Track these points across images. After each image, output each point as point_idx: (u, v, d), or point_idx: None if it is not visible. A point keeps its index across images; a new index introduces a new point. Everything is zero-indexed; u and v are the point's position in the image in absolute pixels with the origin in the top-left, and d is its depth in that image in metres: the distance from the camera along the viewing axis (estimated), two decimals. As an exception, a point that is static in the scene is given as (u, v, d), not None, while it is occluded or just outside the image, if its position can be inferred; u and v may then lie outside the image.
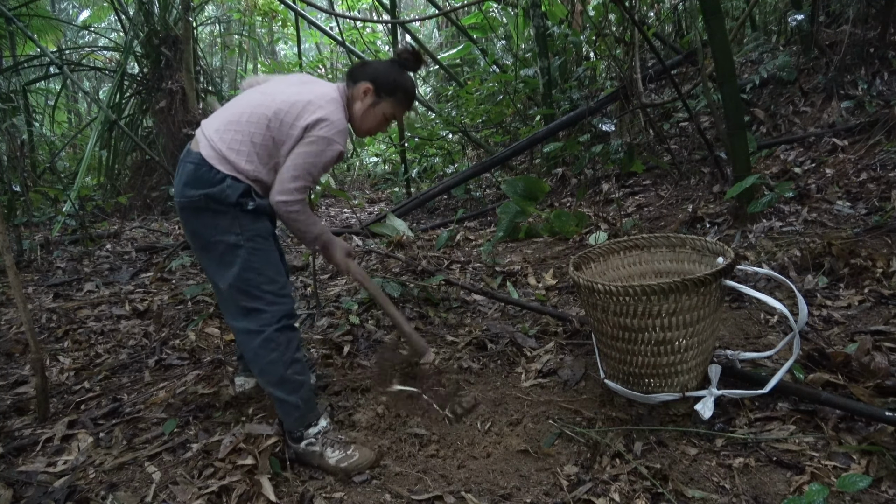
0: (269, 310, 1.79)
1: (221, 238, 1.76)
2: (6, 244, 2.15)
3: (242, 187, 1.75)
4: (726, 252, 1.95)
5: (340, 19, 8.69)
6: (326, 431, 1.86)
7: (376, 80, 1.91)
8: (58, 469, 1.88)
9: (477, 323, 2.79)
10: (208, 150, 1.76)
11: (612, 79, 5.49)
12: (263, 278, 1.79)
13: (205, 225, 1.77)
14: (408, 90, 1.97)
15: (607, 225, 3.99)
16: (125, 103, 7.21)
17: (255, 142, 1.76)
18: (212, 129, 1.80)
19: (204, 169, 1.74)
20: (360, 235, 4.52)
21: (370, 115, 1.94)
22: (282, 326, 1.80)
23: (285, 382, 1.81)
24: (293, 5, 7.35)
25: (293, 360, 1.82)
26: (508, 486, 1.69)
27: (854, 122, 4.10)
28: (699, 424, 1.81)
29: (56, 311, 3.44)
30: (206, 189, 1.73)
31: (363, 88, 1.91)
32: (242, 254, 1.76)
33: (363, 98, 1.92)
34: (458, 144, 7.10)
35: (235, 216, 1.75)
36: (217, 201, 1.73)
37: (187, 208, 1.77)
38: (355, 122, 1.96)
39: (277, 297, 1.81)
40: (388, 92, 1.93)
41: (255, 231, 1.79)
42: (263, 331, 1.78)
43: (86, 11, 9.63)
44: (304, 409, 1.84)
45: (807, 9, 4.50)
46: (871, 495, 1.49)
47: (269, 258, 1.83)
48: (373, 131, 2.01)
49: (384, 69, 1.94)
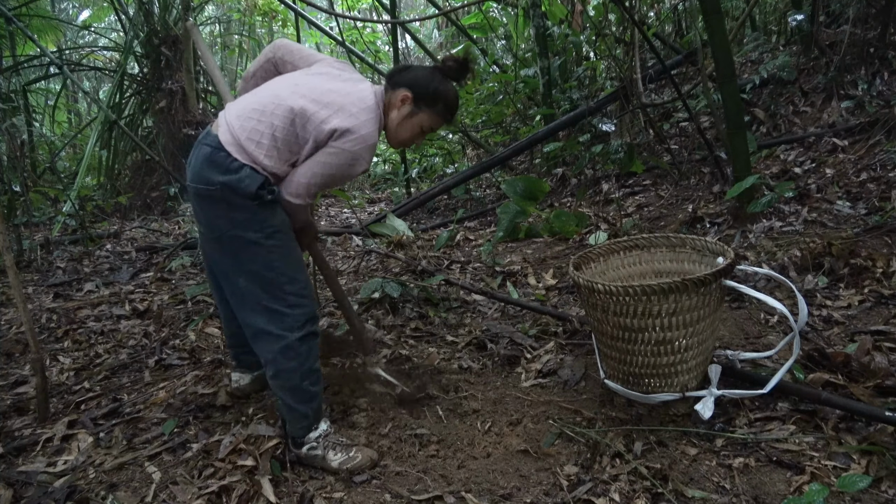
0: (292, 313, 1.71)
1: (239, 233, 1.65)
2: (6, 244, 2.15)
3: (261, 179, 1.64)
4: (726, 252, 1.95)
5: (340, 19, 8.69)
6: (327, 434, 1.82)
7: (415, 88, 1.78)
8: (58, 469, 1.88)
9: (477, 323, 2.79)
10: (227, 136, 1.65)
11: (612, 79, 5.49)
12: (285, 278, 1.70)
13: (219, 217, 1.66)
14: (449, 102, 1.82)
15: (607, 225, 3.99)
16: (125, 103, 7.21)
17: (276, 136, 1.65)
18: (233, 115, 1.69)
19: (222, 154, 1.63)
20: (360, 235, 4.52)
21: (406, 125, 1.81)
22: (304, 334, 1.73)
23: (299, 392, 1.76)
24: (293, 5, 7.35)
25: (311, 371, 1.76)
26: (508, 486, 1.69)
27: (854, 122, 4.10)
28: (699, 424, 1.81)
29: (56, 311, 3.44)
30: (222, 176, 1.62)
31: (401, 96, 1.78)
32: (262, 252, 1.67)
33: (400, 107, 1.79)
34: (458, 144, 7.11)
35: (254, 211, 1.65)
36: (234, 192, 1.62)
37: (202, 196, 1.66)
38: (389, 132, 1.83)
39: (300, 297, 1.73)
40: (427, 102, 1.79)
41: (274, 227, 1.69)
42: (285, 337, 1.70)
43: (86, 11, 9.62)
44: (313, 418, 1.80)
45: (807, 9, 4.50)
46: (871, 495, 1.49)
47: (291, 255, 1.74)
48: (407, 143, 1.88)
49: (425, 77, 1.80)
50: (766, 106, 4.76)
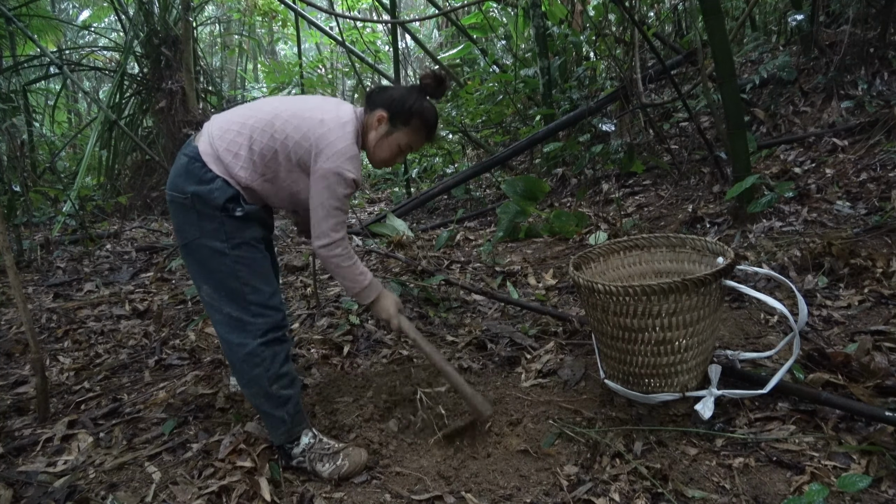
0: (254, 321, 1.70)
1: (206, 242, 1.68)
2: (6, 244, 2.15)
3: (231, 192, 1.67)
4: (726, 252, 1.95)
5: (340, 19, 8.68)
6: (311, 447, 1.79)
7: (391, 108, 1.79)
8: (58, 469, 1.88)
9: (477, 323, 2.79)
10: (206, 147, 1.70)
11: (612, 79, 5.49)
12: (249, 288, 1.70)
13: (189, 224, 1.69)
14: (425, 118, 1.83)
15: (607, 225, 3.99)
16: (125, 103, 7.22)
17: (254, 149, 1.69)
18: (216, 126, 1.73)
19: (196, 164, 1.68)
20: (360, 235, 4.52)
21: (384, 145, 1.83)
22: (267, 340, 1.71)
23: (270, 397, 1.74)
24: (293, 5, 7.35)
25: (279, 376, 1.74)
26: (508, 486, 1.69)
27: (854, 122, 4.10)
28: (699, 424, 1.81)
29: (56, 311, 3.44)
30: (194, 186, 1.66)
31: (377, 116, 1.80)
32: (227, 262, 1.68)
33: (377, 127, 1.81)
34: (458, 144, 7.11)
35: (222, 221, 1.68)
36: (204, 202, 1.66)
37: (175, 203, 1.70)
38: (369, 153, 1.85)
39: (263, 308, 1.72)
40: (403, 121, 1.80)
41: (241, 238, 1.71)
42: (247, 344, 1.70)
43: (86, 11, 9.63)
44: (291, 423, 1.78)
45: (807, 9, 4.50)
46: (871, 495, 1.49)
47: (256, 267, 1.73)
48: (388, 162, 1.88)
49: (401, 96, 1.81)
50: (766, 106, 4.76)
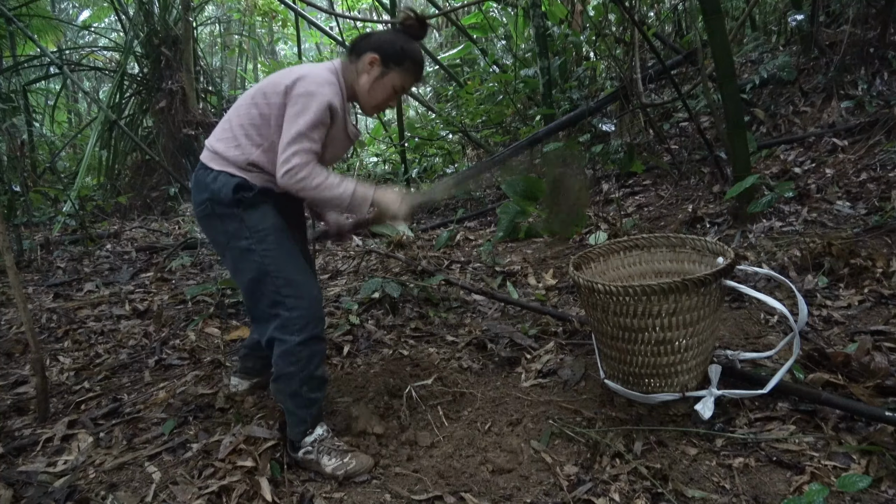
0: (290, 315, 1.72)
1: (234, 244, 1.74)
2: (6, 244, 2.15)
3: (236, 180, 1.71)
4: (726, 252, 1.95)
5: (340, 19, 8.68)
6: (323, 439, 1.81)
7: (382, 50, 1.80)
8: (58, 469, 1.88)
9: (477, 323, 2.79)
10: (205, 153, 1.78)
11: (612, 79, 5.49)
12: (281, 280, 1.73)
13: (217, 232, 1.77)
14: (416, 58, 1.85)
15: (607, 225, 3.99)
16: (125, 103, 7.22)
17: (243, 124, 1.74)
18: (211, 134, 1.81)
19: (201, 172, 1.75)
20: (359, 235, 4.52)
21: (378, 87, 1.83)
22: (305, 339, 1.73)
23: (297, 397, 1.78)
24: (293, 5, 7.35)
25: (311, 377, 1.77)
26: (508, 486, 1.69)
27: (854, 122, 4.10)
28: (699, 424, 1.81)
29: (56, 311, 3.44)
30: (205, 193, 1.73)
31: (368, 59, 1.80)
32: (255, 258, 1.73)
33: (370, 70, 1.81)
34: (458, 144, 7.10)
35: (241, 218, 1.72)
36: (218, 202, 1.71)
37: (201, 218, 1.79)
38: (363, 97, 1.85)
39: (297, 299, 1.74)
40: (395, 61, 1.81)
41: (265, 231, 1.74)
42: (285, 341, 1.72)
43: (86, 11, 9.62)
44: (311, 423, 1.81)
45: (807, 9, 4.50)
46: (871, 495, 1.49)
47: (284, 258, 1.75)
48: (382, 106, 1.90)
49: (390, 38, 1.83)
50: (766, 106, 4.76)
